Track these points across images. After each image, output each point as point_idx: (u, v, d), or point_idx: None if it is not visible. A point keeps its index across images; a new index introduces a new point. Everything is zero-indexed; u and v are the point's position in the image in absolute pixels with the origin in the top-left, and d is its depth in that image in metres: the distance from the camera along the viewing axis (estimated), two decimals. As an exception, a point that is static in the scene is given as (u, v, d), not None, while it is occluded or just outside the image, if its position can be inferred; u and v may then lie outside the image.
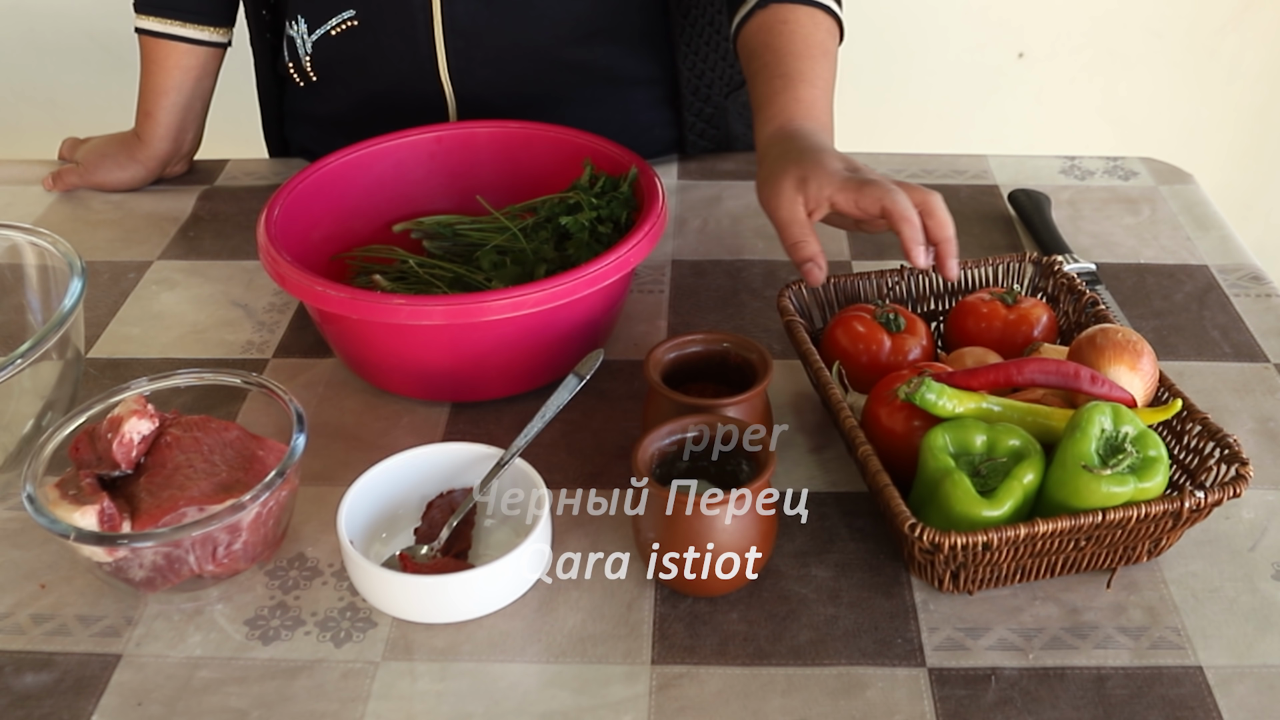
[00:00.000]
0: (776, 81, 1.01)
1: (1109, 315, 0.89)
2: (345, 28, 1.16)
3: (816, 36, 1.04)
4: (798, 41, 1.04)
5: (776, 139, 0.97)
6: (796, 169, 0.90)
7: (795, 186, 0.89)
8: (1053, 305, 0.95)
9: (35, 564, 0.82)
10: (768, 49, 1.05)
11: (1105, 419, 0.74)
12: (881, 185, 0.86)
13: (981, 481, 0.76)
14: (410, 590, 0.75)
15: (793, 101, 0.99)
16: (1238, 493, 0.74)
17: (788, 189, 0.90)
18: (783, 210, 0.90)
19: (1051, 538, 0.73)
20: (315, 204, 1.02)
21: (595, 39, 1.18)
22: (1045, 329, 0.90)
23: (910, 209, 0.85)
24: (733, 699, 0.72)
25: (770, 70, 1.03)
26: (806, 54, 1.03)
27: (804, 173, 0.90)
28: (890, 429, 0.80)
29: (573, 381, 0.86)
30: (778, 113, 0.99)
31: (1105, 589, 0.78)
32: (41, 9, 2.06)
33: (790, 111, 0.99)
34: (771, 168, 0.93)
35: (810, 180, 0.89)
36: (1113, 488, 0.72)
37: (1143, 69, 2.19)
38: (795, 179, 0.90)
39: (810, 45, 1.04)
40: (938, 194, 0.87)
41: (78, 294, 0.88)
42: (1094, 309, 0.91)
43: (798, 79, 1.01)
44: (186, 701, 0.72)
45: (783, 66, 1.02)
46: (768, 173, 0.93)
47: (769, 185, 0.92)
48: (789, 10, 1.06)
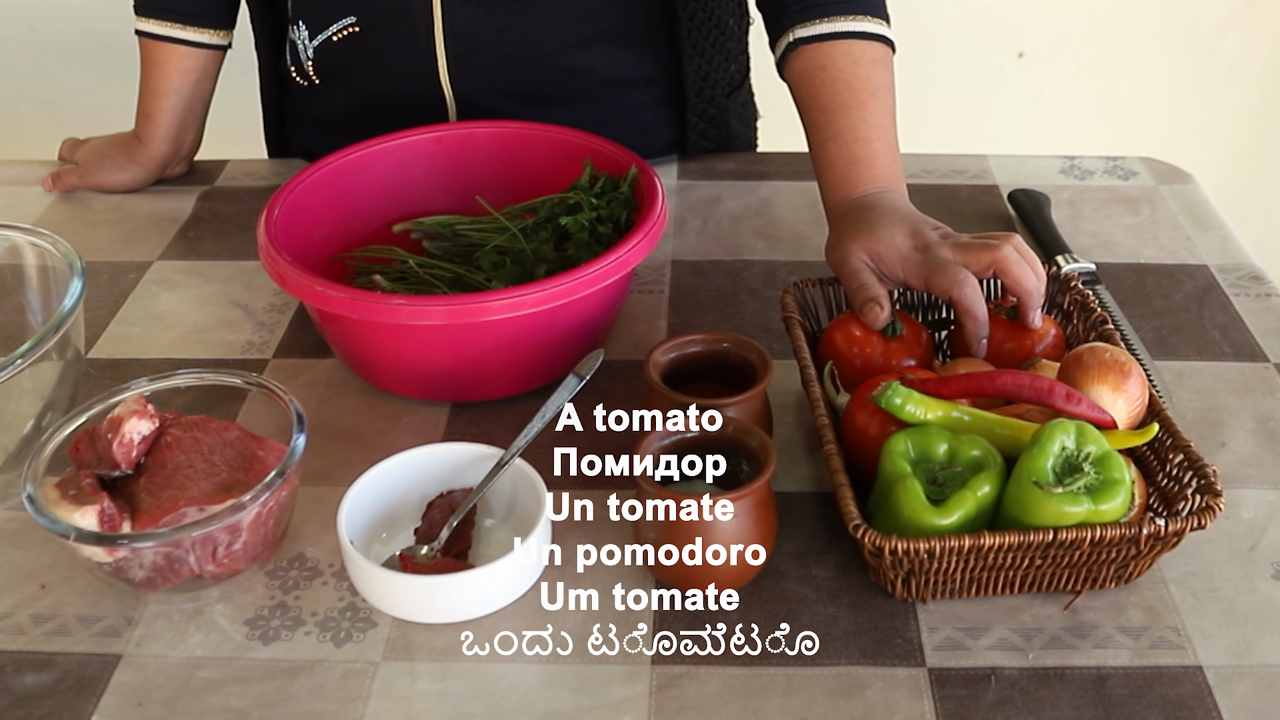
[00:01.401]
0: (830, 146, 0.98)
1: (1114, 336, 0.87)
2: (346, 34, 1.16)
3: (860, 76, 0.99)
4: (840, 90, 0.99)
5: (841, 209, 0.95)
6: (862, 245, 0.89)
7: (864, 262, 0.89)
8: (1065, 321, 0.93)
9: (35, 564, 0.82)
10: (813, 101, 1.01)
11: (1067, 437, 0.73)
12: (949, 272, 0.84)
13: (938, 490, 0.75)
14: (410, 590, 0.75)
15: (850, 166, 0.96)
16: (1203, 524, 0.72)
17: (855, 259, 0.89)
18: (848, 266, 0.90)
19: (1000, 552, 0.72)
20: (315, 204, 1.02)
21: (596, 42, 1.18)
22: (1051, 345, 0.88)
23: (976, 301, 0.84)
24: (733, 699, 0.72)
25: (821, 130, 0.99)
26: (854, 104, 0.98)
27: (872, 251, 0.88)
28: (864, 432, 0.80)
29: (573, 381, 0.86)
30: (838, 182, 0.97)
31: (1108, 590, 0.78)
32: (41, 9, 2.06)
33: (852, 179, 0.96)
34: (839, 235, 0.92)
35: (881, 262, 0.88)
36: (1066, 507, 0.71)
37: (1142, 69, 2.19)
38: (864, 257, 0.89)
39: (854, 91, 0.99)
40: (1011, 245, 0.85)
41: (78, 294, 0.88)
42: (1101, 328, 0.88)
43: (850, 138, 0.97)
44: (187, 702, 0.72)
45: (833, 126, 0.98)
46: (835, 239, 0.92)
47: (837, 253, 0.91)
48: (825, 53, 1.01)
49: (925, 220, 0.90)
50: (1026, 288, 0.85)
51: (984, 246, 0.85)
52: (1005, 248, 0.85)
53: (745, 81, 1.34)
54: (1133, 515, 0.76)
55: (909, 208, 0.93)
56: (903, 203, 0.94)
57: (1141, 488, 0.78)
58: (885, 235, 0.88)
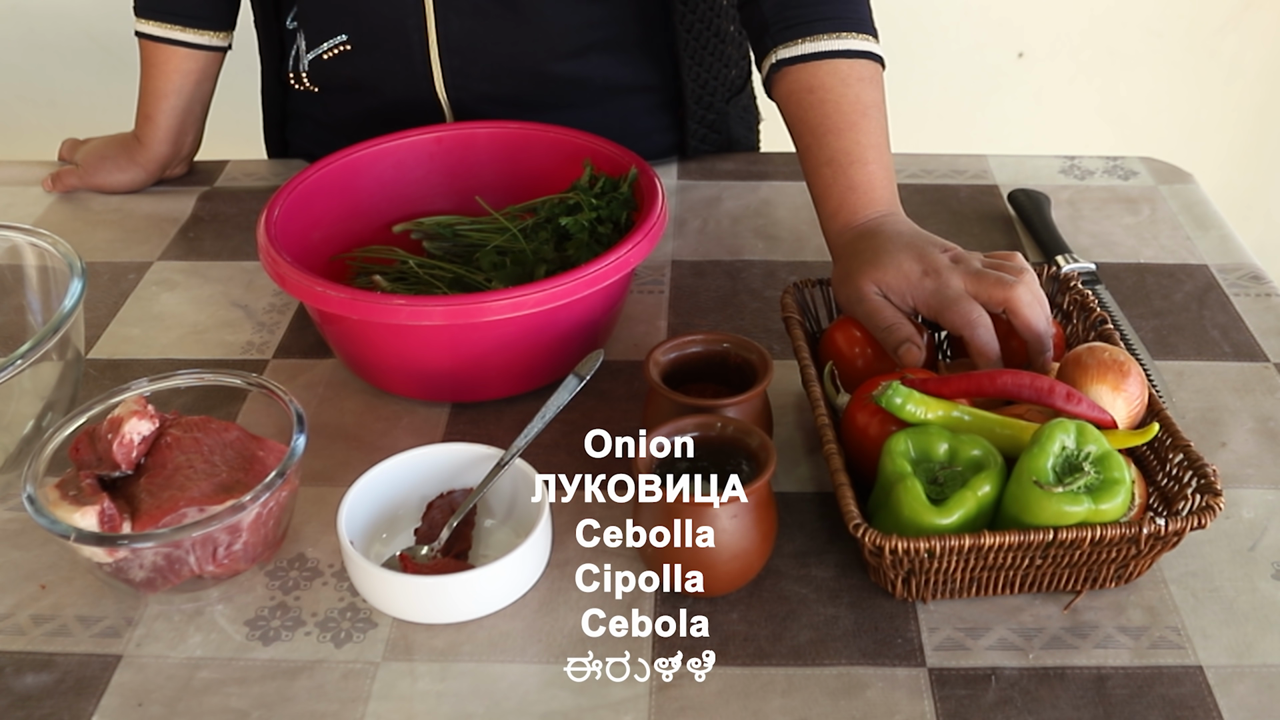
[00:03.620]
0: (824, 171, 0.95)
1: (1114, 335, 0.87)
2: (338, 52, 1.16)
3: (849, 96, 0.96)
4: (830, 113, 0.96)
5: (843, 237, 0.93)
6: (871, 277, 0.87)
7: (877, 294, 0.87)
8: (1065, 321, 0.93)
9: (35, 565, 0.82)
10: (803, 125, 0.97)
11: (1068, 437, 0.73)
12: (961, 310, 0.82)
13: (939, 490, 0.75)
14: (410, 591, 0.75)
15: (847, 191, 0.93)
16: (1203, 524, 0.72)
17: (870, 296, 0.87)
18: (862, 307, 0.87)
19: (1000, 552, 0.72)
20: (315, 205, 1.02)
21: (592, 50, 1.17)
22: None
23: (989, 343, 0.82)
24: (733, 699, 0.72)
25: (814, 155, 0.96)
26: (845, 126, 0.95)
27: (881, 281, 0.86)
28: (865, 432, 0.80)
29: (573, 382, 0.86)
30: (837, 209, 0.94)
31: (1108, 590, 0.78)
32: (41, 9, 2.06)
33: (851, 205, 0.93)
34: (847, 268, 0.89)
35: (891, 291, 0.86)
36: (1066, 506, 0.71)
37: (1143, 69, 2.19)
38: (875, 288, 0.87)
39: (844, 112, 0.95)
40: (1024, 284, 0.83)
41: (78, 295, 0.88)
42: (1101, 328, 0.88)
43: (845, 162, 0.94)
44: (187, 702, 0.72)
45: (825, 150, 0.95)
46: (843, 273, 0.90)
47: (847, 290, 0.89)
48: (811, 74, 0.97)
49: (932, 241, 0.88)
50: (1036, 331, 0.83)
51: (998, 282, 0.83)
52: (1019, 288, 0.82)
53: (747, 85, 1.33)
54: (1133, 515, 0.76)
55: (914, 230, 0.90)
56: (906, 226, 0.91)
57: (1141, 487, 0.78)
58: (893, 264, 0.86)
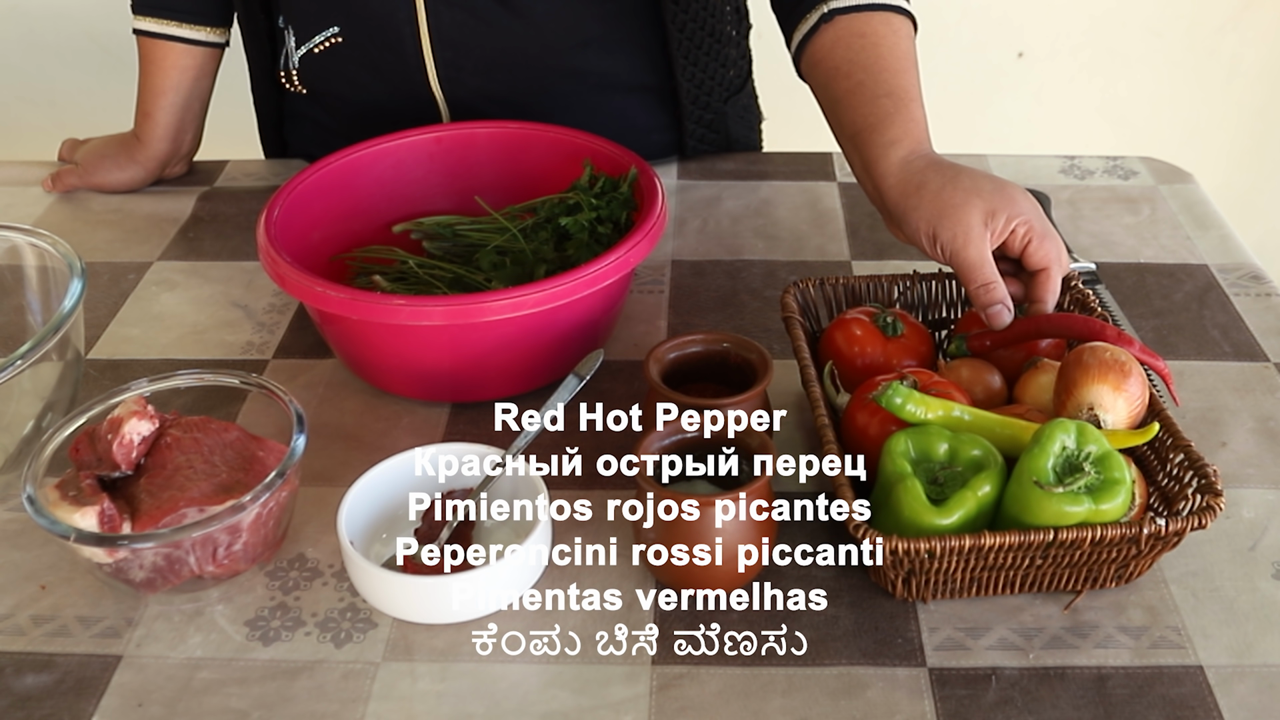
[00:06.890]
0: (884, 101, 0.92)
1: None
2: (329, 45, 1.16)
3: (901, 46, 0.96)
4: (885, 54, 0.95)
5: (917, 166, 0.89)
6: (982, 201, 0.84)
7: (983, 220, 0.84)
8: None
9: (35, 565, 0.82)
10: (856, 66, 0.95)
11: (1068, 437, 0.73)
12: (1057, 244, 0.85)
13: (939, 490, 0.75)
14: (410, 591, 0.75)
15: (911, 122, 0.91)
16: (1203, 524, 0.72)
17: (975, 224, 0.83)
18: (971, 249, 0.83)
19: (1001, 552, 0.72)
20: (315, 205, 1.02)
21: (588, 47, 1.17)
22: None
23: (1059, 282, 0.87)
24: (733, 699, 0.72)
25: (867, 89, 0.94)
26: (901, 68, 0.94)
27: (993, 206, 0.84)
28: (865, 431, 0.80)
29: (573, 381, 0.86)
30: (900, 135, 0.90)
31: (1109, 590, 0.78)
32: (41, 9, 2.06)
33: (915, 134, 0.91)
34: (938, 197, 0.85)
35: (1000, 213, 0.84)
36: (1066, 506, 0.71)
37: (1143, 68, 2.19)
38: (983, 212, 0.84)
39: (898, 57, 0.95)
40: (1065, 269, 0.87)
41: (77, 295, 0.88)
42: None
43: (906, 97, 0.92)
44: (187, 702, 0.72)
45: (884, 85, 0.93)
46: (932, 202, 0.85)
47: (948, 218, 0.84)
48: (863, 21, 0.97)
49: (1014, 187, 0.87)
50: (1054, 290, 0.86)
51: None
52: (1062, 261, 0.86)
53: (746, 84, 1.33)
54: (1133, 515, 0.76)
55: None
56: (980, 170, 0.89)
57: (1142, 487, 0.78)
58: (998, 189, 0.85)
